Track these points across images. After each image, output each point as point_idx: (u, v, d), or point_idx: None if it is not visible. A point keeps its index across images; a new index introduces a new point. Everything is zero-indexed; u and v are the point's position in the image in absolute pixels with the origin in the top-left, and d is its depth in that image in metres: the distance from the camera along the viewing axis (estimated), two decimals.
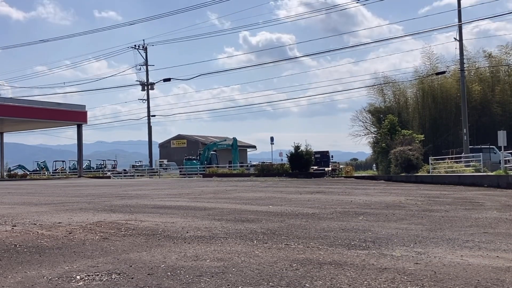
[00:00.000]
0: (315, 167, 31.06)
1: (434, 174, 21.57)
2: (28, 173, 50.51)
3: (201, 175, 33.25)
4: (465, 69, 29.71)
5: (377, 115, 39.40)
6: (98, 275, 3.13)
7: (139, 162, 55.22)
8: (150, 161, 44.79)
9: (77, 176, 38.72)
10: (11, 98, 38.29)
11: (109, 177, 37.28)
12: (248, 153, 62.89)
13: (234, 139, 41.97)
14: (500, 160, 21.55)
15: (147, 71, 43.03)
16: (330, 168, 34.71)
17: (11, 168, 51.52)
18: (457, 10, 27.06)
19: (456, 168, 22.56)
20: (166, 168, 42.92)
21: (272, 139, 45.46)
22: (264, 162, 38.02)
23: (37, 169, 56.18)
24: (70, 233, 4.95)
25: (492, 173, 17.58)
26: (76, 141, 39.87)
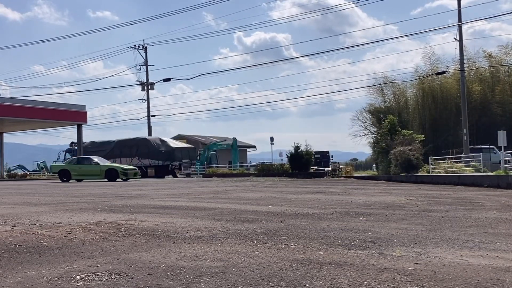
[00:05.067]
0: (315, 167, 31.10)
1: (434, 174, 21.58)
2: (28, 173, 50.51)
3: (201, 175, 33.25)
4: (465, 69, 29.71)
5: (377, 115, 39.40)
6: (98, 275, 3.13)
7: None
8: None
9: None
10: (10, 98, 38.27)
11: None
12: (248, 153, 62.89)
13: (234, 139, 41.99)
14: (500, 160, 21.56)
15: (147, 71, 43.10)
16: (330, 168, 34.75)
17: (11, 168, 51.51)
18: (456, 11, 27.08)
19: (456, 168, 22.55)
20: None
21: (272, 139, 45.49)
22: (264, 162, 38.09)
23: (37, 169, 56.17)
24: (70, 233, 4.95)
25: (492, 173, 17.57)
26: (75, 141, 39.87)
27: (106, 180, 24.42)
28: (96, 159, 26.61)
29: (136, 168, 27.29)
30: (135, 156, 36.09)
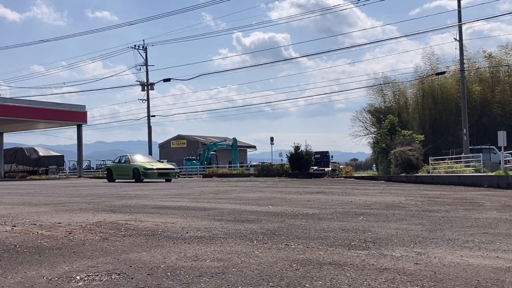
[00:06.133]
0: (315, 167, 31.14)
1: (434, 174, 21.58)
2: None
3: (201, 175, 33.27)
4: (465, 69, 29.72)
5: (377, 115, 39.46)
6: (98, 275, 3.13)
7: None
8: None
9: (77, 176, 38.73)
10: (10, 98, 38.31)
11: None
12: (248, 153, 62.98)
13: (234, 140, 42.01)
14: (500, 160, 21.57)
15: (147, 71, 43.01)
16: (330, 168, 34.78)
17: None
18: (455, 11, 27.09)
19: (456, 168, 22.57)
20: None
21: (272, 139, 45.51)
22: (264, 162, 38.06)
23: None
24: (70, 233, 4.94)
25: (492, 173, 17.58)
26: (76, 141, 39.90)
27: (133, 180, 21.93)
28: (135, 156, 23.47)
29: (170, 167, 24.24)
30: (14, 163, 42.78)
